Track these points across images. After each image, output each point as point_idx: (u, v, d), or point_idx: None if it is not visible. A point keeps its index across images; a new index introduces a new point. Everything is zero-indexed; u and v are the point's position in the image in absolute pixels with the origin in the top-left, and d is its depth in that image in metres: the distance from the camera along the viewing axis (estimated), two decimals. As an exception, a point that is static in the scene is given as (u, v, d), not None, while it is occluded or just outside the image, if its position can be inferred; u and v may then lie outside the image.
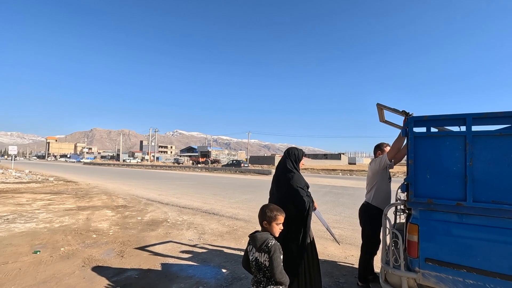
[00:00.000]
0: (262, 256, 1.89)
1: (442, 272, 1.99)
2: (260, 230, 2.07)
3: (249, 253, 2.01)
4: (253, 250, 1.96)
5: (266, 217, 1.98)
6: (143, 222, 6.41)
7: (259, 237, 1.92)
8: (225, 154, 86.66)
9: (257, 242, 1.90)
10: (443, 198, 1.97)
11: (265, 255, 1.86)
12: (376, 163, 3.09)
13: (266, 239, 1.89)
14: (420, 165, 2.04)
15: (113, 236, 5.23)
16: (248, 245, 2.05)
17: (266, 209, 2.02)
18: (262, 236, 1.92)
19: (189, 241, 5.03)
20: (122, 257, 4.15)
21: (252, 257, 1.96)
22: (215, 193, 12.29)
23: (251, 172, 30.75)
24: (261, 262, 1.90)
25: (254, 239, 1.93)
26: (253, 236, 1.95)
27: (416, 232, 2.07)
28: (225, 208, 8.35)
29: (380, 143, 3.34)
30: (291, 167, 2.73)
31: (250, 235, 1.98)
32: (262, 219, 2.00)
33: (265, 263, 1.87)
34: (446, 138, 1.96)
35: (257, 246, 1.89)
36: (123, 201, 9.55)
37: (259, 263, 1.90)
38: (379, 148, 3.31)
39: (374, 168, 3.14)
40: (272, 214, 1.98)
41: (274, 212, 1.99)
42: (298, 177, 2.67)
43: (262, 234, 1.95)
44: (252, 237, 1.96)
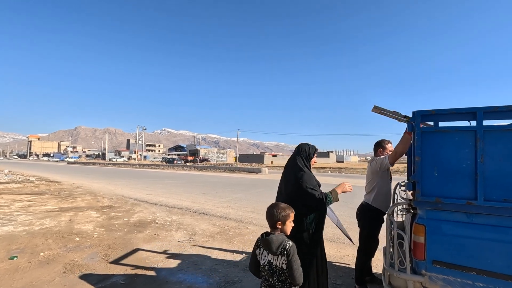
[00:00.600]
0: (278, 259, 1.81)
1: (450, 275, 1.88)
2: (269, 231, 1.94)
3: (259, 256, 1.90)
4: (264, 253, 1.87)
5: (280, 217, 1.89)
6: (130, 224, 6.15)
7: (275, 240, 1.82)
8: (214, 153, 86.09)
9: (273, 245, 1.80)
10: (452, 197, 1.86)
11: (283, 258, 1.79)
12: (376, 164, 2.96)
13: (282, 241, 1.81)
14: (427, 162, 1.93)
15: (98, 239, 4.96)
16: (257, 248, 1.93)
17: (277, 209, 1.91)
18: (277, 238, 1.83)
19: (178, 243, 4.82)
20: (107, 262, 3.91)
21: (264, 261, 1.86)
22: (205, 192, 12.05)
23: (240, 170, 30.55)
24: (275, 266, 1.82)
25: (269, 242, 1.82)
26: (267, 240, 1.84)
27: (423, 233, 1.96)
28: (215, 208, 8.15)
29: (381, 140, 3.21)
30: (302, 165, 2.51)
31: (263, 238, 1.86)
32: (276, 220, 1.89)
33: (281, 266, 1.80)
34: (455, 134, 1.85)
35: (274, 249, 1.80)
36: (108, 201, 9.20)
37: (273, 267, 1.82)
38: (380, 145, 3.18)
39: (374, 169, 3.03)
40: (285, 213, 1.90)
41: (286, 210, 1.91)
42: (308, 176, 2.45)
43: (277, 236, 1.84)
44: (266, 241, 1.84)
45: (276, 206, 1.95)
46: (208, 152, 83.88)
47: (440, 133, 1.90)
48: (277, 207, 1.94)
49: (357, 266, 3.11)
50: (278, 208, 1.93)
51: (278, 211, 1.92)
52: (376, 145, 3.20)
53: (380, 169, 2.93)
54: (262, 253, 1.90)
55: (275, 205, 1.96)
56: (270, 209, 1.95)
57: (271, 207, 1.96)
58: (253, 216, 7.07)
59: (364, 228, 3.10)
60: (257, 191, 12.70)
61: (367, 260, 3.14)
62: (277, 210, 1.92)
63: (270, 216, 1.92)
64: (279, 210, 1.92)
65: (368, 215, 3.05)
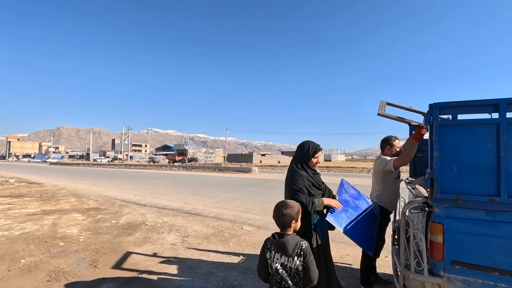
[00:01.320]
0: (294, 260, 1.71)
1: (470, 276, 1.79)
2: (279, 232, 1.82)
3: (270, 260, 1.77)
4: (276, 256, 1.75)
5: (293, 215, 1.79)
6: (118, 226, 5.85)
7: (291, 241, 1.72)
8: (202, 153, 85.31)
9: (289, 246, 1.70)
10: (473, 193, 1.76)
11: (299, 259, 1.71)
12: (380, 164, 2.85)
13: (297, 241, 1.74)
14: (446, 157, 1.82)
15: (84, 243, 4.67)
16: (267, 251, 1.79)
17: (288, 207, 1.80)
18: (293, 239, 1.73)
19: (171, 245, 4.59)
20: (95, 268, 3.65)
21: (276, 264, 1.74)
22: (195, 192, 11.78)
23: (230, 170, 30.28)
24: (290, 268, 1.72)
25: (284, 244, 1.71)
26: (282, 242, 1.71)
27: (441, 232, 1.85)
28: (207, 208, 7.93)
29: (388, 137, 3.08)
30: (296, 164, 2.43)
31: (276, 240, 1.74)
32: (290, 219, 1.77)
33: (297, 268, 1.72)
34: (476, 127, 1.75)
35: (289, 251, 1.69)
36: (94, 203, 8.81)
37: (287, 269, 1.72)
38: (388, 142, 3.04)
39: (377, 168, 2.93)
40: (297, 210, 1.82)
41: (296, 207, 1.83)
42: (298, 177, 2.38)
43: (292, 236, 1.74)
44: (280, 243, 1.72)
45: (287, 205, 1.83)
46: (196, 152, 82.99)
47: (460, 126, 1.79)
48: (288, 205, 1.82)
49: (363, 266, 3.01)
50: (288, 206, 1.82)
51: (291, 209, 1.81)
52: (383, 142, 3.09)
53: (383, 169, 2.84)
54: (274, 256, 1.77)
55: (285, 204, 1.84)
56: (281, 208, 1.81)
57: (282, 206, 1.82)
58: (247, 216, 6.90)
59: None
60: (248, 190, 12.53)
61: (373, 260, 3.04)
62: (289, 208, 1.81)
63: (283, 216, 1.78)
64: (291, 208, 1.81)
65: None
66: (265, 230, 5.60)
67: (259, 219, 6.51)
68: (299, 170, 2.41)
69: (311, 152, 2.43)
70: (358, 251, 4.24)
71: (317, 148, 2.46)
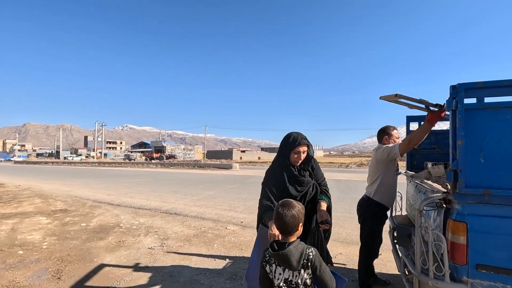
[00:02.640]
0: (300, 274, 1.42)
1: (498, 281, 1.57)
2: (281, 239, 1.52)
3: (271, 274, 1.46)
4: (278, 270, 1.44)
5: (301, 217, 1.51)
6: (88, 230, 5.30)
7: (294, 251, 1.39)
8: (181, 149, 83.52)
9: (293, 258, 1.38)
10: (502, 188, 1.54)
11: (306, 272, 1.42)
12: (383, 152, 2.61)
13: (302, 250, 1.42)
14: (472, 146, 1.58)
15: (48, 251, 4.11)
16: (266, 265, 1.47)
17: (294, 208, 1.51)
18: (297, 248, 1.41)
19: (149, 250, 4.16)
20: (58, 280, 3.17)
21: (279, 280, 1.43)
22: (175, 190, 11.23)
23: (210, 167, 29.68)
24: (296, 284, 1.42)
25: (287, 256, 1.38)
26: (284, 254, 1.39)
27: (464, 232, 1.62)
28: (188, 207, 7.48)
29: (385, 127, 2.87)
30: (275, 158, 2.17)
31: (277, 252, 1.41)
32: (298, 221, 1.49)
33: (305, 283, 1.43)
34: (507, 111, 1.52)
35: (294, 264, 1.38)
36: (62, 204, 8.07)
37: (292, 286, 1.42)
38: (386, 132, 2.83)
39: (379, 158, 2.68)
40: (303, 210, 1.55)
41: (301, 206, 1.56)
42: (268, 172, 2.14)
43: (295, 245, 1.42)
44: (282, 256, 1.39)
45: (292, 205, 1.52)
46: (174, 149, 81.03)
47: (488, 110, 1.56)
48: (293, 205, 1.52)
49: (361, 268, 2.78)
50: (295, 207, 1.51)
51: (298, 210, 1.51)
52: (381, 132, 2.87)
53: (387, 158, 2.60)
54: (275, 270, 1.45)
55: (290, 204, 1.53)
56: (288, 209, 1.49)
57: (287, 206, 1.51)
58: (231, 214, 6.55)
59: (365, 225, 2.78)
60: (230, 187, 12.16)
61: (372, 261, 2.81)
62: (295, 208, 1.51)
63: (292, 217, 1.47)
64: (297, 208, 1.51)
65: (369, 210, 2.73)
66: (250, 229, 5.29)
67: (244, 218, 6.19)
68: (275, 163, 2.14)
69: (288, 145, 2.04)
70: (351, 249, 4.05)
71: (299, 141, 2.01)
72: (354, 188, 11.06)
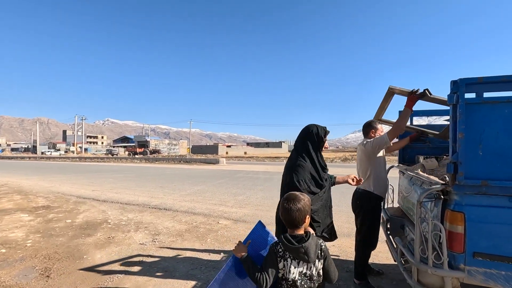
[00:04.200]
0: (314, 266, 1.45)
1: (493, 268, 1.65)
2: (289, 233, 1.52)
3: (284, 270, 1.45)
4: (293, 264, 1.44)
5: (307, 209, 1.51)
6: (75, 226, 5.13)
7: (313, 244, 1.43)
8: (165, 144, 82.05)
9: (311, 250, 1.42)
10: (500, 179, 1.61)
11: (319, 262, 1.47)
12: (373, 145, 2.67)
13: (316, 241, 1.48)
14: (472, 139, 1.64)
15: (33, 249, 3.96)
16: (282, 260, 1.46)
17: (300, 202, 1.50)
18: (314, 240, 1.46)
19: (140, 245, 4.08)
20: (48, 278, 3.06)
21: (294, 275, 1.44)
22: (162, 185, 11.05)
23: (197, 161, 29.37)
24: (310, 276, 1.45)
25: (308, 249, 1.41)
26: (305, 248, 1.40)
27: (462, 222, 1.69)
28: (177, 202, 7.38)
29: (371, 121, 2.95)
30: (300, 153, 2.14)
31: (296, 246, 1.41)
32: (304, 214, 1.49)
33: (318, 273, 1.47)
34: (505, 105, 1.59)
35: (312, 256, 1.42)
36: (44, 200, 7.76)
37: (306, 279, 1.45)
38: (371, 126, 2.90)
39: (370, 151, 2.74)
40: (309, 203, 1.55)
41: (307, 198, 1.56)
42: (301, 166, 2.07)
43: (313, 238, 1.46)
44: (303, 249, 1.40)
45: (298, 198, 1.53)
46: (159, 144, 79.48)
47: (487, 105, 1.62)
48: (299, 198, 1.52)
49: (358, 260, 2.83)
50: (300, 199, 1.52)
51: (304, 202, 1.51)
52: (366, 127, 2.93)
53: (379, 148, 2.68)
54: (290, 264, 1.44)
55: (296, 197, 1.54)
56: (294, 203, 1.50)
57: (293, 200, 1.52)
58: (222, 209, 6.52)
59: (365, 218, 2.81)
60: (219, 182, 12.09)
61: (370, 252, 2.88)
62: (301, 201, 1.51)
63: (298, 211, 1.47)
64: (303, 201, 1.52)
65: (370, 204, 2.78)
66: (243, 223, 5.30)
67: (235, 212, 6.18)
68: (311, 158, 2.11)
69: (322, 137, 2.15)
70: (343, 241, 4.14)
71: (326, 132, 2.18)
72: (341, 182, 11.28)
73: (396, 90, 2.53)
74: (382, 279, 3.01)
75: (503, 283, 1.64)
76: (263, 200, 7.60)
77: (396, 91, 2.54)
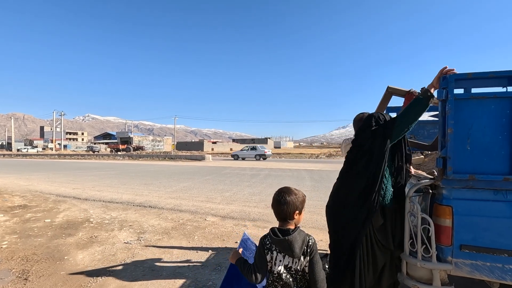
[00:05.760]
0: (300, 261, 1.45)
1: (478, 260, 1.70)
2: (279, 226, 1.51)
3: (271, 262, 1.45)
4: (279, 257, 1.44)
5: (298, 205, 1.49)
6: (54, 226, 4.91)
7: (299, 238, 1.41)
8: (149, 141, 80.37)
9: (296, 244, 1.40)
10: (486, 173, 1.65)
11: (306, 258, 1.45)
12: None
13: (304, 237, 1.46)
14: (460, 134, 1.67)
15: (9, 250, 3.75)
16: (269, 252, 1.46)
17: (292, 195, 1.49)
18: (300, 235, 1.44)
19: (125, 244, 3.96)
20: (26, 281, 2.90)
21: (279, 267, 1.43)
22: (147, 182, 10.80)
23: (182, 158, 28.97)
24: (295, 270, 1.45)
25: (292, 243, 1.39)
26: (289, 241, 1.39)
27: (450, 216, 1.72)
28: (163, 200, 7.23)
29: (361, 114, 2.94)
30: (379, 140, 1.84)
31: (282, 238, 1.41)
32: (294, 208, 1.47)
33: (303, 269, 1.46)
34: (492, 101, 1.63)
35: (297, 250, 1.41)
36: (21, 200, 7.39)
37: (292, 273, 1.44)
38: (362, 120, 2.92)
39: None
40: (302, 199, 1.52)
41: (302, 195, 1.54)
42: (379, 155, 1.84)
43: (299, 232, 1.45)
44: (287, 242, 1.40)
45: (290, 191, 1.52)
46: (142, 140, 77.73)
47: (475, 100, 1.65)
48: (292, 192, 1.51)
49: None
50: (293, 193, 1.50)
51: (296, 197, 1.50)
52: (359, 121, 2.93)
53: None
54: (276, 257, 1.45)
55: (289, 190, 1.53)
56: (283, 195, 1.49)
57: (285, 192, 1.51)
58: (209, 206, 6.45)
59: None
60: (205, 178, 11.96)
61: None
62: (293, 195, 1.50)
63: (286, 204, 1.46)
64: (296, 196, 1.50)
65: None
66: (230, 219, 5.25)
67: (223, 209, 6.13)
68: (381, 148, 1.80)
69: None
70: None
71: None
72: (327, 178, 11.44)
73: (394, 90, 2.56)
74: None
75: (488, 274, 1.69)
76: (250, 196, 7.58)
77: (394, 91, 2.57)
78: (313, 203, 6.60)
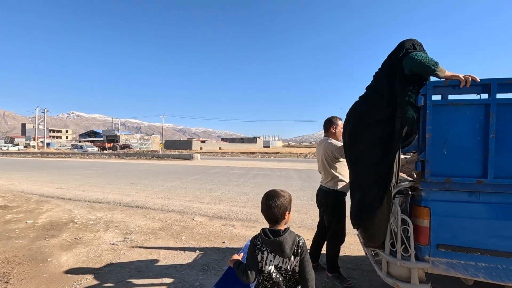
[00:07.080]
0: (290, 261, 1.48)
1: (454, 258, 1.79)
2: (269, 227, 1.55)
3: (262, 262, 1.49)
4: (269, 257, 1.48)
5: (287, 206, 1.54)
6: (37, 227, 4.79)
7: (289, 238, 1.46)
8: (136, 139, 79.06)
9: (287, 245, 1.44)
10: (461, 176, 1.74)
11: (296, 259, 1.49)
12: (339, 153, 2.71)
13: (294, 238, 1.49)
14: (437, 139, 1.75)
15: (-11, 253, 3.64)
16: (259, 252, 1.50)
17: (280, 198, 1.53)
18: (290, 235, 1.48)
19: (111, 245, 3.91)
20: (7, 284, 2.84)
21: (270, 267, 1.47)
22: (134, 182, 10.65)
23: (170, 157, 28.65)
24: (285, 270, 1.49)
25: (282, 243, 1.43)
26: (279, 241, 1.44)
27: (427, 216, 1.81)
28: (150, 199, 7.16)
29: (332, 117, 2.99)
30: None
31: (272, 239, 1.45)
32: (284, 210, 1.51)
33: (293, 269, 1.50)
34: (467, 107, 1.71)
35: (287, 250, 1.44)
36: (1, 200, 7.16)
37: (282, 272, 1.49)
38: (332, 122, 2.96)
39: (331, 158, 2.80)
40: (290, 199, 1.58)
41: (288, 195, 1.58)
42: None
43: (290, 233, 1.49)
44: (277, 242, 1.44)
45: (278, 194, 1.56)
46: (129, 138, 76.38)
47: (452, 106, 1.73)
48: (279, 194, 1.55)
49: (330, 255, 2.93)
50: (281, 196, 1.55)
51: (284, 198, 1.54)
52: (327, 123, 3.00)
53: (343, 156, 2.59)
54: (267, 257, 1.49)
55: (276, 193, 1.57)
56: (272, 199, 1.52)
57: (273, 196, 1.55)
58: (197, 205, 6.43)
59: (333, 215, 2.88)
60: (193, 178, 11.90)
61: (340, 246, 2.99)
62: (282, 197, 1.54)
63: (276, 207, 1.50)
64: (284, 197, 1.55)
65: (336, 201, 2.85)
66: (218, 219, 5.26)
67: (211, 209, 6.13)
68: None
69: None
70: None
71: None
72: (314, 177, 11.59)
73: None
74: (354, 271, 3.15)
75: (462, 271, 1.79)
76: (239, 196, 7.60)
77: None
78: (300, 202, 6.69)
